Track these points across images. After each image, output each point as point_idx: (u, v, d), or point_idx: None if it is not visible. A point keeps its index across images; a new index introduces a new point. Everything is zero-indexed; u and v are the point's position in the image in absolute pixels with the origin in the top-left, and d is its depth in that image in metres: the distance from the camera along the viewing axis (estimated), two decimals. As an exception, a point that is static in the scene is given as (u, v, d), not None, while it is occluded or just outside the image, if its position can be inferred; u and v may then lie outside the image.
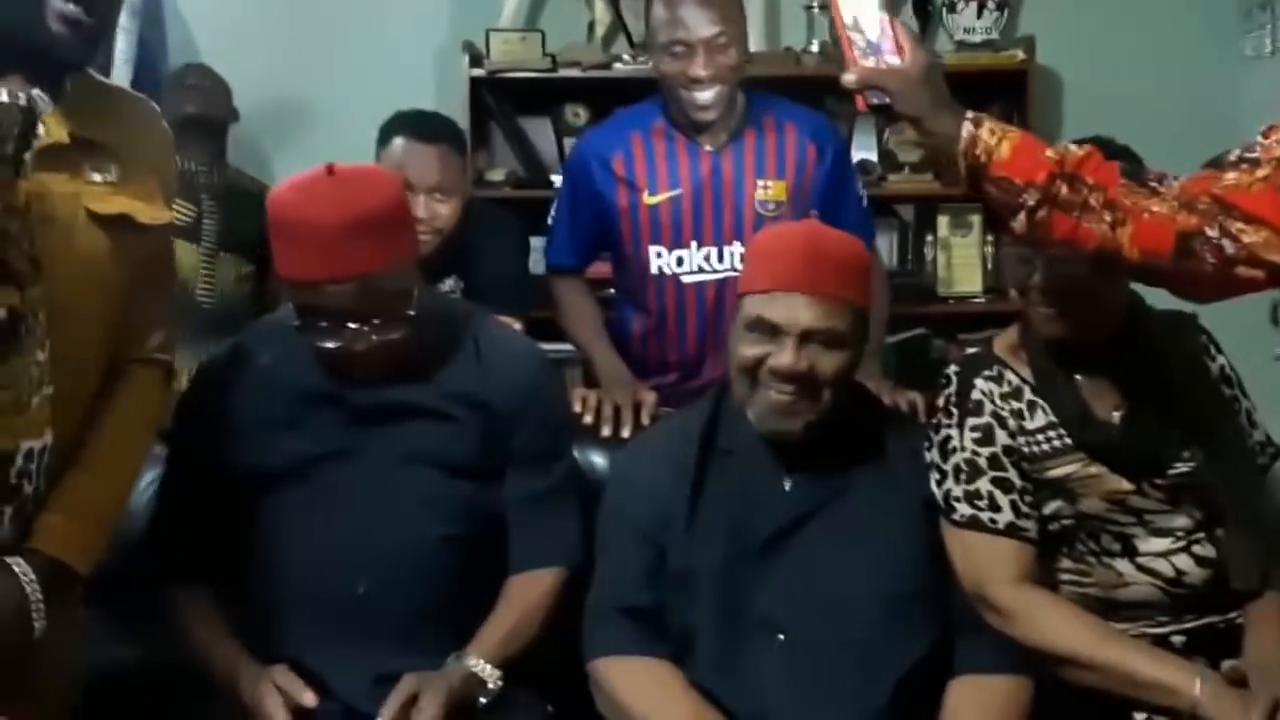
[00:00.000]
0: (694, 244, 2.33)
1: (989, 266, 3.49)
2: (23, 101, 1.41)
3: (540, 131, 3.49)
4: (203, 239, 2.83)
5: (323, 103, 3.44)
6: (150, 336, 1.61)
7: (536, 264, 3.49)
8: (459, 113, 3.27)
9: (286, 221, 1.64)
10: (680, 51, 2.23)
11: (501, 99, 3.42)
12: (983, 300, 3.44)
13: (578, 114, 3.44)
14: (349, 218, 1.60)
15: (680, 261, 2.34)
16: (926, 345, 3.32)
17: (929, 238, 3.50)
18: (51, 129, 1.44)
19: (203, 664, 1.69)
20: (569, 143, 3.43)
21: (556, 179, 3.43)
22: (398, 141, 2.36)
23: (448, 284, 2.45)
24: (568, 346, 3.22)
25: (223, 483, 1.74)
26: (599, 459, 1.96)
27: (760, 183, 2.32)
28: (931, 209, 3.47)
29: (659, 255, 2.35)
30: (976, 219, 3.48)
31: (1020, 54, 3.33)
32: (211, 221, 2.84)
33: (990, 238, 3.50)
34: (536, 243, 3.47)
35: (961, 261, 3.49)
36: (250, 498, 1.73)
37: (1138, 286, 1.75)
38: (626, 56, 3.40)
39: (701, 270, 2.34)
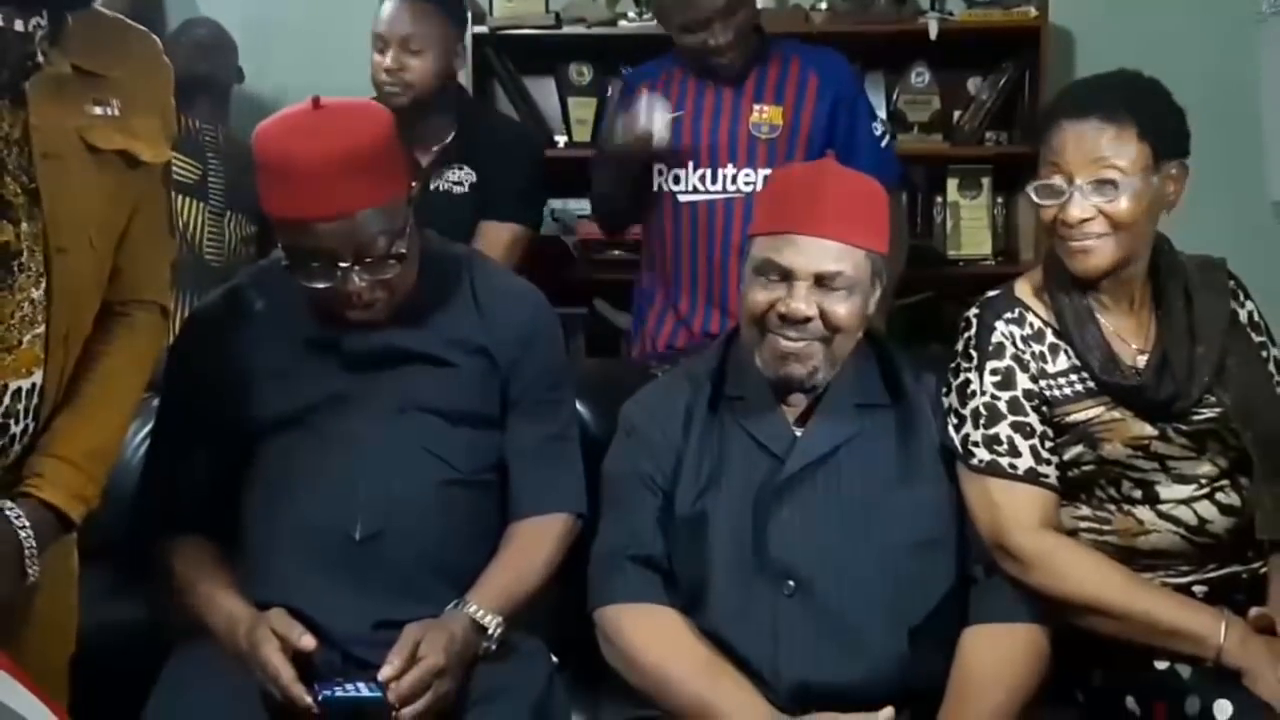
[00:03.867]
0: (690, 165, 2.41)
1: (999, 229, 3.45)
2: (19, 28, 1.36)
3: (544, 91, 3.44)
4: (210, 198, 2.79)
5: (320, 59, 3.37)
6: (149, 278, 1.56)
7: (542, 226, 3.48)
8: (461, 71, 3.22)
9: (272, 157, 1.58)
10: (695, 27, 2.33)
11: (504, 57, 3.37)
12: (992, 263, 3.39)
13: (582, 73, 3.39)
14: (337, 153, 1.55)
15: (677, 180, 2.43)
16: (936, 309, 3.27)
17: (938, 200, 3.45)
18: (53, 60, 1.39)
19: (199, 614, 1.64)
20: (573, 102, 3.39)
21: (561, 139, 3.40)
22: (386, 3, 2.46)
23: (456, 173, 2.50)
24: (569, 309, 3.20)
25: (217, 431, 1.69)
26: (583, 410, 1.92)
27: (757, 107, 2.40)
28: (941, 171, 3.42)
29: (659, 173, 2.43)
30: (986, 181, 3.42)
31: (1033, 11, 3.27)
32: (218, 180, 2.80)
33: (1000, 199, 3.45)
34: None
35: (971, 224, 3.43)
36: (245, 446, 1.69)
37: (1165, 229, 1.72)
38: (632, 14, 3.34)
39: (696, 191, 2.42)
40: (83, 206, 1.41)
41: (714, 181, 2.40)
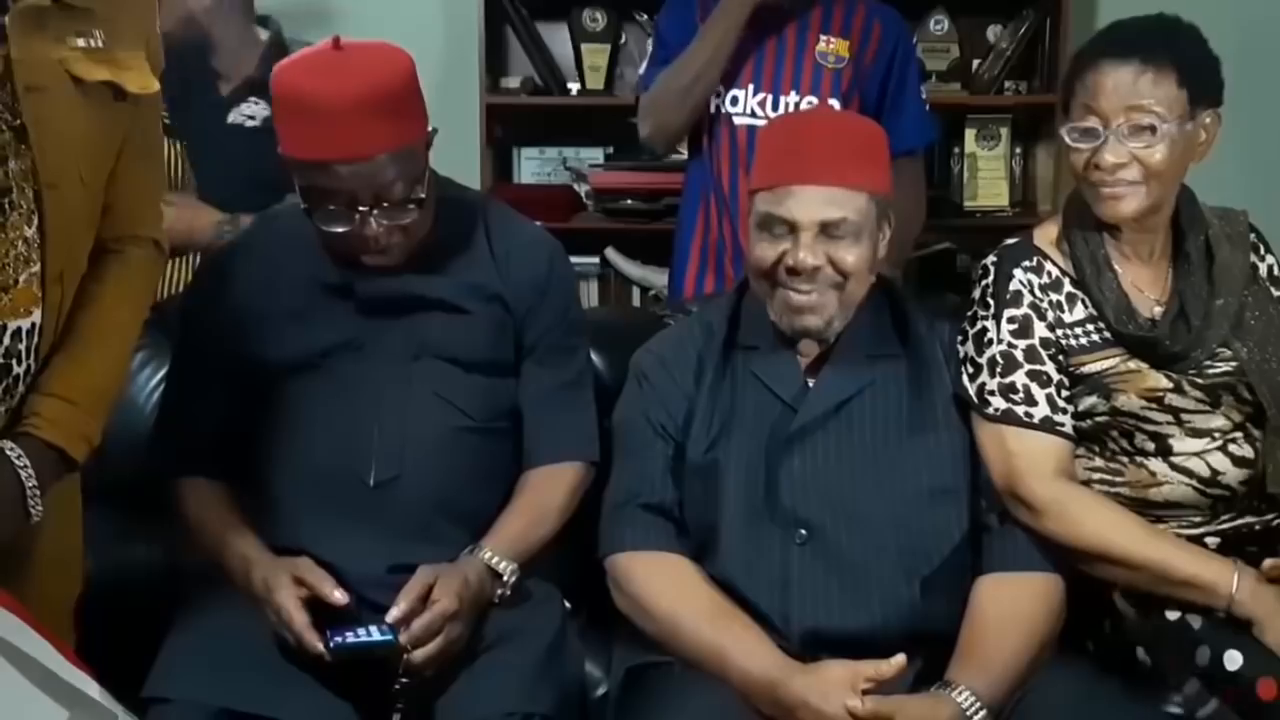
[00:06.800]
0: (751, 87, 2.35)
1: (1016, 180, 3.41)
2: None
3: (557, 37, 3.41)
4: None
5: (332, 6, 3.34)
6: (141, 213, 1.54)
7: (554, 174, 3.47)
8: (473, 18, 3.20)
9: (292, 97, 1.57)
10: None
11: (517, 3, 3.33)
12: (1009, 214, 3.36)
13: (596, 19, 3.35)
14: (358, 94, 1.54)
15: (735, 101, 2.36)
16: (951, 260, 3.25)
17: (955, 150, 3.41)
18: None
19: (214, 555, 1.65)
20: (587, 48, 3.36)
21: (574, 86, 3.37)
22: None
23: (252, 106, 2.47)
24: (581, 258, 3.20)
25: (232, 373, 1.70)
26: (595, 358, 1.91)
27: (824, 37, 2.34)
28: (958, 120, 3.37)
29: (716, 94, 2.36)
30: (1005, 131, 3.39)
31: (1054, -41, 3.21)
32: None
33: (1018, 150, 3.41)
34: (552, 153, 3.46)
35: (988, 174, 3.40)
36: (260, 388, 1.69)
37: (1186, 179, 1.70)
38: (647, -42, 3.29)
39: (754, 115, 2.35)
40: (71, 140, 1.39)
41: (775, 108, 2.31)
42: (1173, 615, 1.59)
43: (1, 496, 1.37)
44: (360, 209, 1.58)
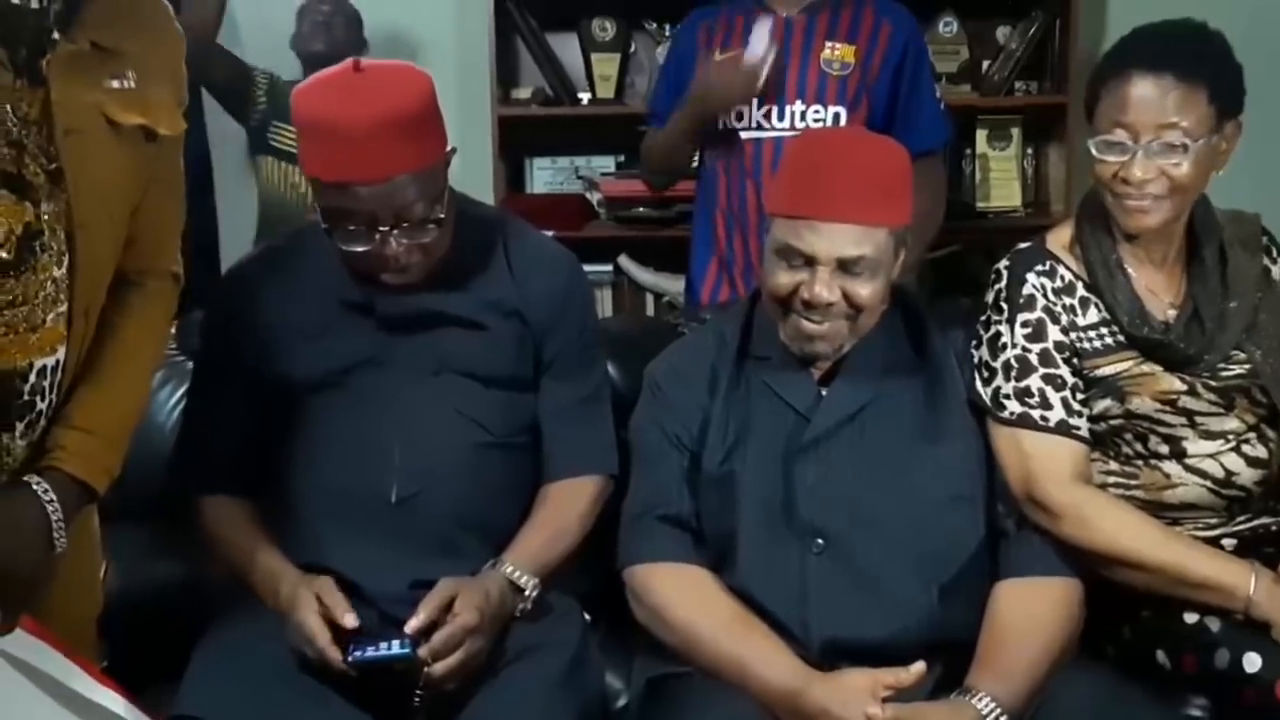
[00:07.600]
0: (755, 101, 2.35)
1: (1028, 180, 3.41)
2: (34, 4, 1.35)
3: (567, 47, 3.43)
4: None
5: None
6: (162, 247, 1.56)
7: (566, 183, 3.48)
8: (483, 28, 3.22)
9: (313, 120, 1.58)
10: None
11: (526, 13, 3.35)
12: (1022, 215, 3.36)
13: (605, 28, 3.37)
14: (379, 116, 1.55)
15: (740, 116, 2.36)
16: (961, 262, 3.25)
17: (966, 151, 3.42)
18: (72, 37, 1.37)
19: (240, 572, 1.67)
20: (596, 58, 3.38)
21: (584, 96, 3.39)
22: None
23: None
24: (594, 267, 3.22)
25: (252, 390, 1.71)
26: (610, 368, 1.91)
27: (829, 44, 2.35)
28: (969, 121, 3.38)
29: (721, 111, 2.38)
30: (1015, 131, 3.39)
31: (1062, -42, 3.21)
32: None
33: (1029, 150, 3.41)
34: (564, 162, 3.48)
35: (999, 175, 3.41)
36: (281, 405, 1.70)
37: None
38: (655, -32, 3.31)
39: (759, 128, 2.36)
40: (104, 181, 1.41)
41: (781, 118, 2.33)
42: (1191, 618, 1.59)
43: (31, 531, 1.38)
44: (380, 229, 1.60)
